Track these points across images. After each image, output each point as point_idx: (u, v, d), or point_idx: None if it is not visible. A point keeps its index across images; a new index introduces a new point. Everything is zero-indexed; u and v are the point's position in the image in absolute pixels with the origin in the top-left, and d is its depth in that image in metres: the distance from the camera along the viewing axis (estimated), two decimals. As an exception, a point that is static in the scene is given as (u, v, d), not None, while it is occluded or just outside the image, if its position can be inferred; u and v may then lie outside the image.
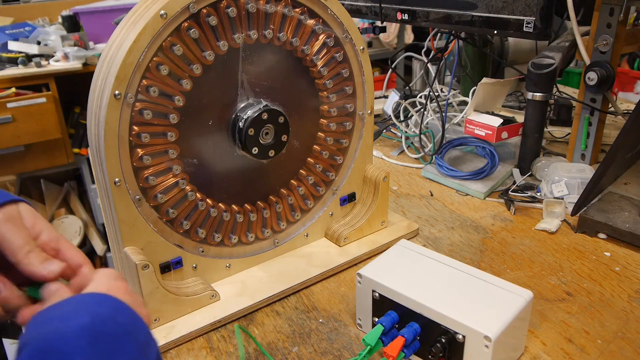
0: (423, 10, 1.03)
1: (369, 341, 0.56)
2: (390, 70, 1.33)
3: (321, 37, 0.71)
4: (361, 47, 0.75)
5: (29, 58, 2.10)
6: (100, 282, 0.46)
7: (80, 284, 0.46)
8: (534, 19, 0.86)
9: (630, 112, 1.16)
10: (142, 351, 0.40)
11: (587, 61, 0.92)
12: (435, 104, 1.12)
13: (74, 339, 0.36)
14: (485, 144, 1.01)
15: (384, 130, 1.25)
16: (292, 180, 0.76)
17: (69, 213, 2.26)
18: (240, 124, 0.66)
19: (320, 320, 0.67)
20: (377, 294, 0.60)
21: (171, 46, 0.59)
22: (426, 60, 1.22)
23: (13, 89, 2.02)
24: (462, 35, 1.18)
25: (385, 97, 1.41)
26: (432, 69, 1.22)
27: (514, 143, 1.03)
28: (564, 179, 0.89)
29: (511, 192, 0.94)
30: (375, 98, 1.40)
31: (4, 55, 2.12)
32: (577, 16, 0.90)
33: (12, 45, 2.15)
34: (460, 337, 0.53)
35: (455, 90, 1.28)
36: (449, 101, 1.20)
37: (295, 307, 0.69)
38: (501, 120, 0.97)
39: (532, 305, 0.58)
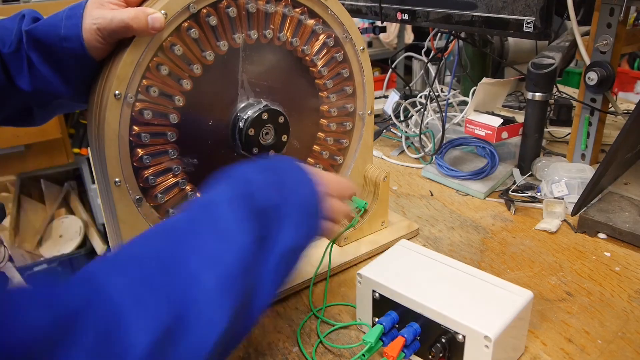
0: (423, 10, 1.03)
1: (368, 341, 0.56)
2: (390, 70, 1.33)
3: (321, 37, 0.71)
4: (361, 47, 0.75)
5: (28, 58, 2.10)
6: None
7: None
8: (534, 19, 0.86)
9: (630, 112, 1.16)
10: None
11: (587, 61, 0.92)
12: (435, 104, 1.12)
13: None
14: (485, 144, 1.01)
15: (384, 130, 1.25)
16: (292, 180, 0.76)
17: (69, 213, 2.25)
18: (241, 124, 0.66)
19: (321, 320, 0.67)
20: (377, 294, 0.60)
21: (171, 46, 0.59)
22: (426, 60, 1.22)
23: (13, 89, 2.02)
24: (462, 35, 1.18)
25: (385, 97, 1.41)
26: (432, 69, 1.22)
27: (514, 143, 1.03)
28: (564, 179, 0.89)
29: (511, 192, 0.94)
30: (375, 98, 1.40)
31: (4, 55, 2.11)
32: (577, 16, 0.90)
33: (12, 45, 2.15)
34: (461, 337, 0.53)
35: (455, 90, 1.28)
36: (449, 101, 1.20)
37: (296, 308, 0.69)
38: (501, 120, 0.97)
39: (532, 305, 0.58)
